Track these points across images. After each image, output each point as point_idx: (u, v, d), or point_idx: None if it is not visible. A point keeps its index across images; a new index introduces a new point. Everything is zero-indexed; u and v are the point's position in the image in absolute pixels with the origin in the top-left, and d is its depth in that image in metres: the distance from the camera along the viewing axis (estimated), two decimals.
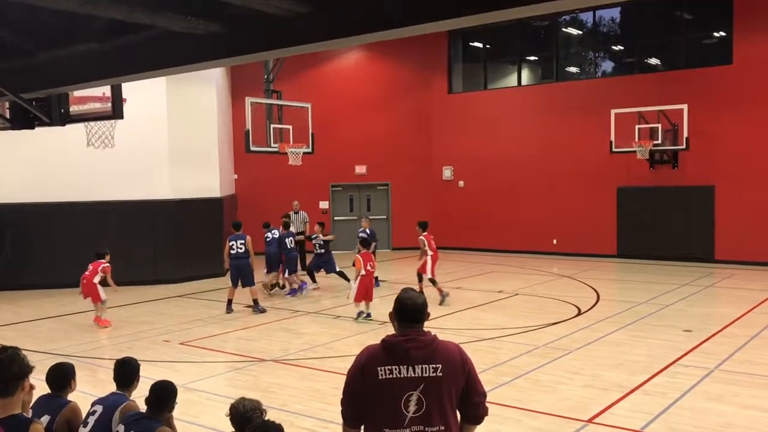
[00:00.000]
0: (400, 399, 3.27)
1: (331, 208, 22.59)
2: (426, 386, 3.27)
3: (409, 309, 3.40)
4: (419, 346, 3.31)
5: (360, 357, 3.42)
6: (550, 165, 20.61)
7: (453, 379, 3.33)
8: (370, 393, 3.32)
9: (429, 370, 3.28)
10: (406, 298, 3.44)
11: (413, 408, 3.27)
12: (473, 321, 11.96)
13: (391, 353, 3.31)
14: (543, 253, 20.43)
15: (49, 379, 4.65)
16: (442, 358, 3.33)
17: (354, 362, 3.43)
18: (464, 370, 3.38)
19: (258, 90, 17.86)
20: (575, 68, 22.14)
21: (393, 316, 3.45)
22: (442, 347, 3.38)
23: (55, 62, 5.15)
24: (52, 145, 14.53)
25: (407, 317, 3.40)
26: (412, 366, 3.28)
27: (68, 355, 8.94)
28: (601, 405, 7.32)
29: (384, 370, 3.28)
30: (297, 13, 3.71)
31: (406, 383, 3.27)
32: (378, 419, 3.32)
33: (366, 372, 3.33)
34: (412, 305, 3.41)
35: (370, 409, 3.35)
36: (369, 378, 3.31)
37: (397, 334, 3.40)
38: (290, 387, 8.23)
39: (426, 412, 3.28)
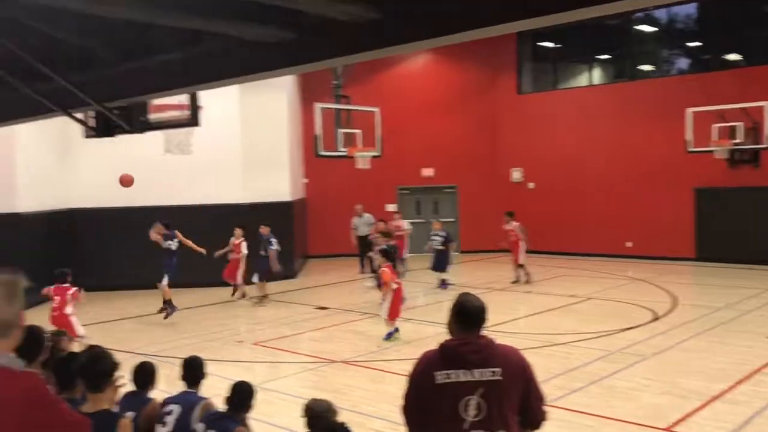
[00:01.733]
0: (458, 403, 3.25)
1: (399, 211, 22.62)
2: (486, 390, 3.24)
3: (469, 313, 3.38)
4: (476, 350, 3.28)
5: (418, 363, 3.42)
6: (624, 165, 20.08)
7: (513, 383, 3.30)
8: (429, 399, 3.31)
9: (487, 373, 3.25)
10: (466, 302, 3.42)
11: (473, 412, 3.24)
12: (545, 325, 11.76)
13: (449, 358, 3.30)
14: (616, 256, 19.90)
15: (134, 376, 4.84)
16: (501, 361, 3.30)
17: (413, 369, 3.44)
18: (524, 373, 3.35)
19: (327, 95, 18.09)
20: (649, 66, 21.51)
21: (452, 321, 3.42)
22: (500, 351, 3.35)
23: (135, 72, 5.35)
24: (130, 152, 15.08)
25: (467, 321, 3.38)
26: (470, 370, 3.26)
27: (147, 354, 9.26)
28: (680, 413, 7.09)
29: (441, 375, 3.27)
30: (368, 18, 3.75)
31: (464, 387, 3.25)
32: (438, 424, 3.31)
33: (424, 378, 3.33)
34: (472, 309, 3.39)
35: (429, 415, 3.34)
36: (427, 384, 3.30)
37: (454, 338, 3.38)
38: (360, 388, 8.30)
39: (487, 417, 3.25)
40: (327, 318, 12.75)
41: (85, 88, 5.38)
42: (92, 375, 3.69)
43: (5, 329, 2.37)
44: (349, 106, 17.40)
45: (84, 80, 5.49)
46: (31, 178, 15.19)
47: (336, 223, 20.44)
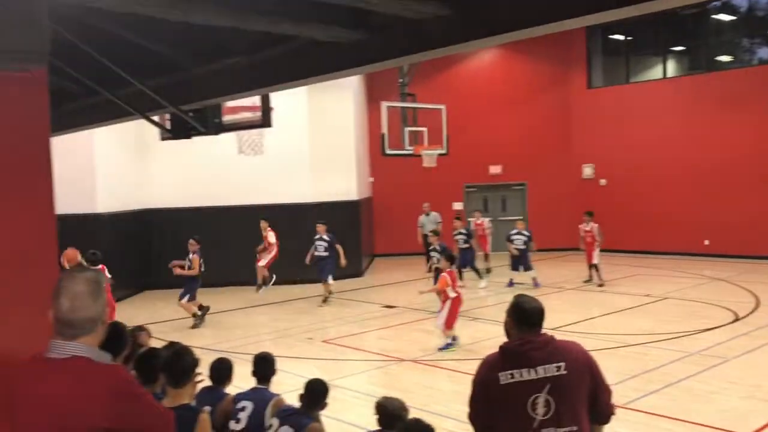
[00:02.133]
0: (525, 402, 3.22)
1: (465, 209, 22.47)
2: (552, 387, 3.21)
3: (529, 313, 3.36)
4: (537, 347, 3.26)
5: (480, 367, 3.42)
6: (700, 160, 19.34)
7: (579, 377, 3.26)
8: (495, 401, 3.29)
9: (552, 369, 3.22)
10: (524, 302, 3.41)
11: (542, 410, 3.20)
12: (620, 326, 11.44)
13: (511, 358, 3.29)
14: (694, 255, 19.18)
15: (212, 372, 4.96)
16: (564, 356, 3.26)
17: (475, 373, 3.43)
18: (589, 366, 3.31)
19: (393, 94, 18.12)
20: (728, 57, 20.66)
21: (510, 323, 3.41)
22: (561, 346, 3.32)
23: (209, 75, 5.49)
24: (203, 154, 15.51)
25: (527, 321, 3.36)
26: (534, 368, 3.23)
27: (218, 351, 9.48)
28: (764, 418, 6.79)
29: (505, 375, 3.25)
30: (438, 15, 3.72)
31: (529, 386, 3.22)
32: (508, 425, 3.29)
33: (488, 381, 3.31)
34: (531, 309, 3.37)
35: (498, 417, 3.31)
36: (492, 386, 3.28)
37: (514, 339, 3.37)
38: (430, 387, 8.28)
39: (556, 413, 3.20)
40: (394, 316, 12.77)
41: (161, 91, 5.55)
42: (175, 370, 3.80)
43: (91, 325, 2.46)
44: (415, 104, 17.38)
45: (161, 84, 5.66)
46: (109, 180, 15.79)
47: (402, 221, 20.46)
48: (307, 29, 4.19)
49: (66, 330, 2.43)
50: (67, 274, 2.49)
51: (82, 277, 2.48)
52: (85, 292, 2.45)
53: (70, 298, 2.43)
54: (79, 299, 2.43)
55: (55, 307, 2.43)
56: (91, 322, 2.45)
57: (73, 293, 2.43)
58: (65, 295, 2.43)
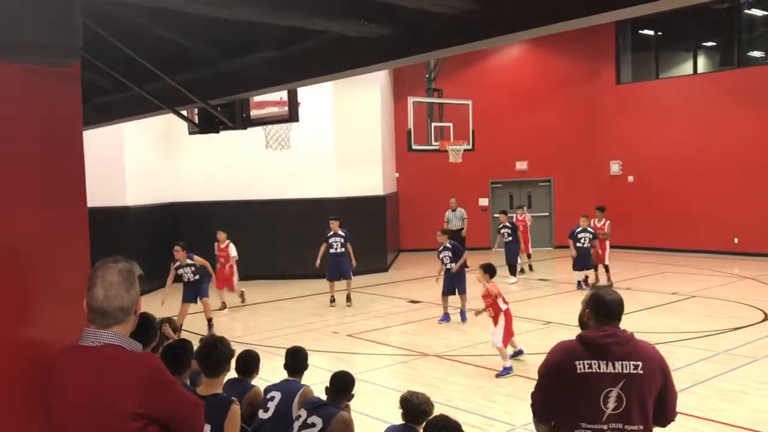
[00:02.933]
0: (598, 394, 3.23)
1: (491, 205, 22.39)
2: (626, 383, 3.22)
3: (611, 305, 3.38)
4: (620, 342, 3.28)
5: (554, 352, 3.41)
6: (730, 157, 19.03)
7: (653, 378, 3.27)
8: (567, 388, 3.30)
9: (630, 366, 3.23)
10: (606, 294, 3.44)
11: (612, 405, 3.22)
12: (646, 324, 11.30)
13: (590, 348, 3.28)
14: (722, 253, 18.91)
15: (238, 364, 5.03)
16: (642, 355, 3.28)
17: (547, 358, 3.42)
18: (663, 370, 3.32)
19: (419, 89, 18.10)
20: (760, 53, 20.29)
21: (590, 313, 3.42)
22: (641, 345, 3.35)
23: (237, 70, 5.52)
24: (230, 148, 15.65)
25: (609, 313, 3.37)
26: (612, 362, 3.24)
27: (247, 344, 9.57)
28: None
29: (583, 364, 3.25)
30: (466, 10, 3.71)
31: (605, 378, 3.23)
32: (575, 414, 3.30)
33: (563, 367, 3.31)
34: (612, 301, 3.39)
35: (567, 404, 3.32)
36: (566, 373, 3.29)
37: (594, 330, 3.36)
38: (454, 383, 8.28)
39: (626, 410, 3.22)
40: (419, 311, 12.78)
41: (190, 86, 5.60)
42: (211, 360, 3.87)
43: (124, 314, 2.52)
44: (442, 99, 17.35)
45: (189, 79, 5.71)
46: (139, 174, 16.01)
47: (428, 217, 20.44)
48: (336, 24, 4.20)
49: (99, 319, 2.49)
50: (102, 264, 2.55)
51: (116, 268, 2.54)
52: (119, 282, 2.51)
53: (105, 288, 2.49)
54: (113, 289, 2.49)
55: (89, 296, 2.50)
56: (123, 311, 2.51)
57: (108, 283, 2.50)
58: (100, 285, 2.50)
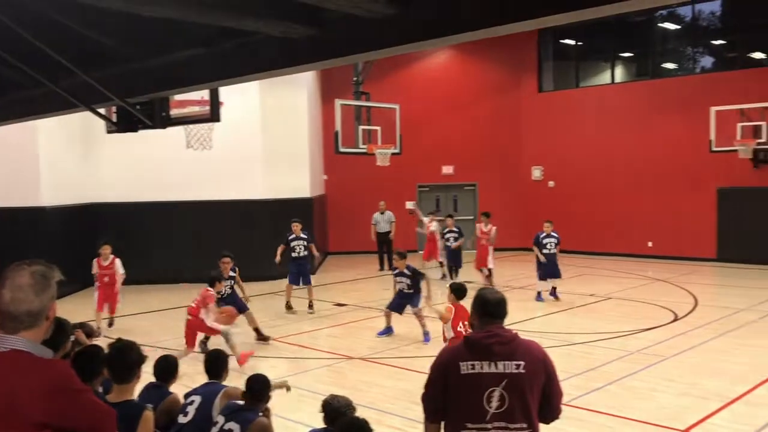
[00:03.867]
0: (482, 394, 3.30)
1: (418, 208, 22.59)
2: (509, 382, 3.29)
3: (491, 304, 3.46)
4: (502, 342, 3.34)
5: (442, 353, 3.52)
6: (645, 165, 19.89)
7: (535, 377, 3.35)
8: (452, 388, 3.37)
9: (512, 366, 3.30)
10: (487, 293, 3.53)
11: (496, 404, 3.29)
12: (564, 325, 11.70)
13: (474, 349, 3.36)
14: (637, 256, 19.73)
15: (156, 369, 4.89)
16: (525, 355, 3.35)
17: (436, 359, 3.50)
18: (546, 368, 3.40)
19: (347, 92, 18.12)
20: (672, 64, 21.29)
21: (474, 314, 3.50)
22: (524, 344, 3.41)
23: (157, 68, 5.40)
24: (152, 147, 15.23)
25: (489, 312, 3.45)
26: (495, 362, 3.31)
27: (166, 348, 9.34)
28: (699, 414, 7.03)
29: (466, 365, 3.32)
30: (388, 15, 3.75)
31: (488, 378, 3.30)
32: (460, 414, 3.37)
33: (449, 368, 3.38)
34: (494, 300, 3.47)
35: (452, 405, 3.39)
36: (452, 373, 3.36)
37: (478, 331, 3.44)
38: (378, 385, 8.31)
39: (509, 409, 3.29)
40: (345, 314, 12.78)
41: (107, 83, 5.43)
42: (119, 366, 3.75)
43: (33, 319, 2.41)
44: (369, 102, 17.41)
45: (107, 76, 5.54)
46: (54, 173, 15.37)
47: (356, 219, 20.49)
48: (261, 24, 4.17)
49: (7, 323, 2.38)
50: (14, 267, 2.43)
51: (29, 270, 2.43)
52: (29, 285, 2.40)
53: (13, 290, 2.38)
54: (22, 291, 2.39)
55: None
56: (32, 316, 2.40)
57: (16, 285, 2.39)
58: (8, 287, 2.39)
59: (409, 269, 10.72)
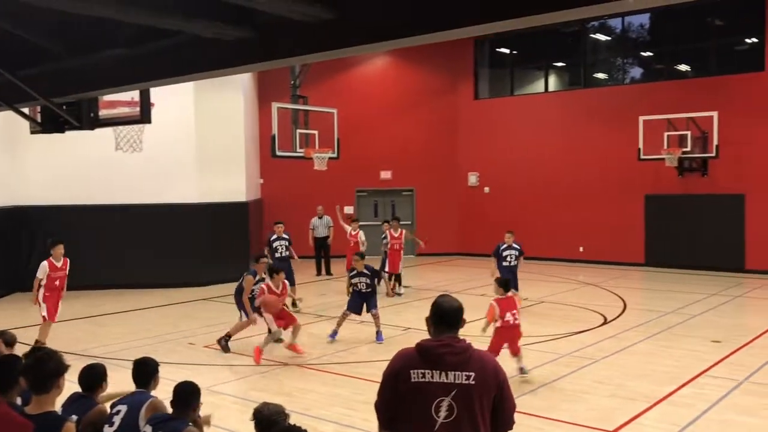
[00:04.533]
0: (431, 403, 3.28)
1: (356, 213, 22.60)
2: (458, 393, 3.28)
3: (447, 313, 3.43)
4: (455, 352, 3.32)
5: (394, 360, 3.45)
6: (577, 172, 20.44)
7: (485, 389, 3.33)
8: (403, 396, 3.34)
9: (462, 377, 3.29)
10: (444, 302, 3.47)
11: (444, 413, 3.28)
12: None
13: (425, 357, 3.33)
14: (569, 261, 20.24)
15: (81, 379, 4.71)
16: (476, 366, 3.33)
17: (389, 365, 3.46)
18: (497, 381, 3.38)
19: (284, 95, 17.98)
20: (603, 75, 21.97)
21: (429, 321, 3.47)
22: (476, 356, 3.38)
23: (85, 67, 5.23)
24: (81, 149, 14.77)
25: (444, 321, 3.42)
26: (445, 372, 3.29)
27: (94, 356, 9.04)
28: (627, 415, 7.23)
29: (417, 373, 3.30)
30: (323, 19, 3.73)
31: (437, 388, 3.28)
32: (409, 421, 3.35)
33: (400, 375, 3.36)
34: (449, 309, 3.44)
35: (402, 412, 3.37)
36: (402, 381, 3.33)
37: (432, 339, 3.42)
38: (313, 392, 8.24)
39: (456, 419, 3.28)
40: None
41: (32, 82, 5.23)
42: (37, 377, 3.59)
43: None
44: (307, 106, 17.32)
45: (32, 75, 5.34)
46: None
47: (293, 224, 20.26)
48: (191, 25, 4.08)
49: None
50: None
51: None
52: None
53: None
54: None
55: None
56: None
57: None
58: None
59: (368, 269, 10.97)
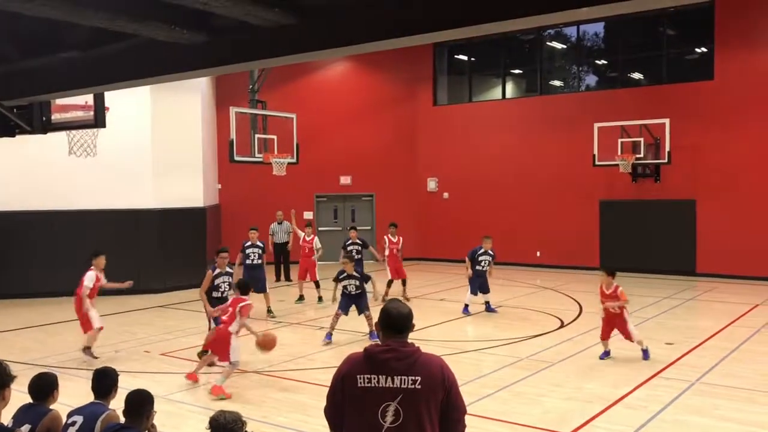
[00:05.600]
0: (377, 408, 3.30)
1: (316, 218, 22.54)
2: (404, 397, 3.29)
3: (393, 318, 3.44)
4: (399, 357, 3.34)
5: (342, 365, 3.47)
6: (534, 177, 20.72)
7: (432, 393, 3.34)
8: (350, 401, 3.36)
9: (408, 381, 3.30)
10: (392, 308, 3.48)
11: (390, 418, 3.29)
12: (457, 333, 11.96)
13: (371, 363, 3.36)
14: (527, 265, 20.48)
15: (31, 388, 4.60)
16: (422, 371, 3.35)
17: (337, 370, 3.48)
18: (444, 384, 3.38)
19: (243, 100, 17.84)
20: (559, 82, 22.34)
21: (378, 327, 3.50)
22: (423, 360, 3.39)
23: (37, 70, 5.11)
24: (33, 153, 14.42)
25: (391, 327, 3.43)
26: (391, 376, 3.31)
27: (47, 366, 8.83)
28: (583, 417, 7.34)
29: (363, 378, 3.33)
30: (282, 24, 3.71)
31: (383, 393, 3.30)
32: (356, 426, 3.36)
33: (346, 380, 3.38)
34: (396, 315, 3.44)
35: (349, 417, 3.38)
36: (349, 386, 3.36)
37: (379, 344, 3.44)
38: (272, 399, 8.18)
39: (403, 424, 3.30)
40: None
41: None
42: None
43: None
44: (265, 111, 17.21)
45: None
46: None
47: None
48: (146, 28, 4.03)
49: None
50: None
51: None
52: None
53: None
54: None
55: None
56: None
57: None
58: None
59: (357, 272, 11.40)
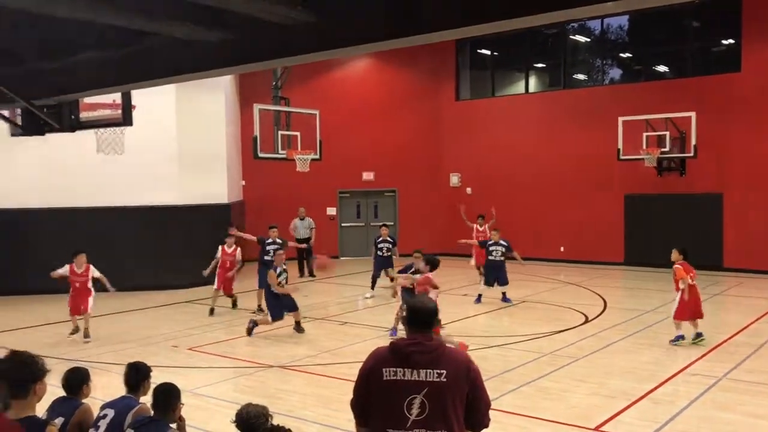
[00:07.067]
0: (403, 401, 3.36)
1: (339, 214, 22.63)
2: (429, 390, 3.35)
3: (419, 313, 3.51)
4: (425, 351, 3.40)
5: (368, 358, 3.54)
6: (558, 172, 20.58)
7: (457, 386, 3.39)
8: (375, 394, 3.43)
9: (433, 375, 3.36)
10: (417, 302, 3.59)
11: (416, 411, 3.35)
12: (481, 328, 11.95)
13: (397, 356, 3.42)
14: (550, 261, 20.35)
15: (64, 382, 4.71)
16: (447, 364, 3.40)
17: (363, 363, 3.55)
18: (468, 378, 3.44)
19: (266, 97, 17.93)
20: (582, 76, 22.15)
21: (404, 321, 3.60)
22: (448, 353, 3.46)
23: (65, 70, 5.21)
24: (62, 151, 14.66)
25: (416, 322, 3.51)
26: (417, 370, 3.37)
27: (76, 360, 8.99)
28: (607, 413, 7.31)
29: (389, 371, 3.39)
30: (303, 22, 3.75)
31: (409, 386, 3.36)
32: (382, 419, 3.42)
33: (372, 373, 3.45)
34: (421, 310, 3.52)
35: (374, 410, 3.45)
36: (375, 378, 3.42)
37: (405, 338, 3.51)
38: (297, 393, 8.26)
39: (428, 416, 3.35)
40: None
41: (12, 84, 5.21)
42: (14, 381, 3.57)
43: None
44: (289, 107, 17.28)
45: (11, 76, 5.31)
46: None
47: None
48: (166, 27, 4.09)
49: None
50: None
51: None
52: None
53: None
54: None
55: None
56: None
57: None
58: None
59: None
